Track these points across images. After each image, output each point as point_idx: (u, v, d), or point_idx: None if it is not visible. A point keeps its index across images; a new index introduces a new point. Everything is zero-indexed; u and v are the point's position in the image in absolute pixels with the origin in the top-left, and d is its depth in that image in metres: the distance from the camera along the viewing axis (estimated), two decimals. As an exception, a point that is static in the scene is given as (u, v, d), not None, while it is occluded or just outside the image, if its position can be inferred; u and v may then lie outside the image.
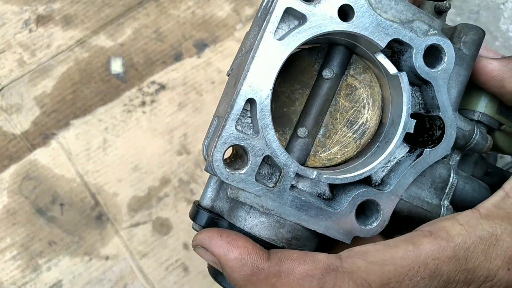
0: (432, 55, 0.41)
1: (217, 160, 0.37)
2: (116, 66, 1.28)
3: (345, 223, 0.41)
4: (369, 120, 0.43)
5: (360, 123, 0.43)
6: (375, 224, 0.42)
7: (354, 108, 0.43)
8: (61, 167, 1.17)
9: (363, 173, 0.40)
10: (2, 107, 1.24)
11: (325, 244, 0.45)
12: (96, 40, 1.31)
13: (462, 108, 0.49)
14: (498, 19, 1.31)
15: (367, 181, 0.43)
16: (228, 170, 0.38)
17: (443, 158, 0.43)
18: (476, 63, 0.43)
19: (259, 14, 0.44)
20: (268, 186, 0.39)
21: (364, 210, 0.44)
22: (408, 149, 0.43)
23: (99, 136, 1.20)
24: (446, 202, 0.45)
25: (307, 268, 0.38)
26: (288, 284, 0.38)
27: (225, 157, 0.39)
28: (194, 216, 0.46)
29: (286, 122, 0.43)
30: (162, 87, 1.25)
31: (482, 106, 0.47)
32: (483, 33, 0.42)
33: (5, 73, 1.28)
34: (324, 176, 0.40)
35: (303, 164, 0.43)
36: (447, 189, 0.45)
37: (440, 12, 0.42)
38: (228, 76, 0.48)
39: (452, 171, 0.45)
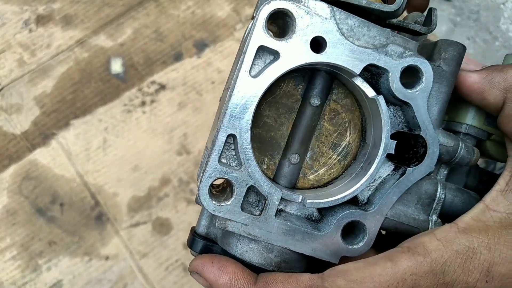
0: (411, 74, 0.41)
1: (203, 194, 0.39)
2: (116, 66, 1.28)
3: (332, 244, 0.42)
4: (351, 142, 0.45)
5: (343, 145, 0.45)
6: (361, 243, 0.43)
7: (338, 132, 0.45)
8: (61, 167, 1.17)
9: (345, 196, 0.41)
10: (2, 107, 1.24)
11: (317, 263, 0.46)
12: (96, 40, 1.31)
13: (451, 120, 0.49)
14: (498, 19, 1.31)
15: (354, 200, 0.44)
16: (214, 202, 0.40)
17: (429, 174, 0.43)
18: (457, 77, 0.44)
19: (241, 46, 0.45)
20: (255, 214, 0.41)
21: (353, 229, 0.45)
22: (393, 167, 0.44)
23: (99, 136, 1.20)
24: (434, 217, 0.46)
25: None
26: None
27: (218, 182, 0.42)
28: (190, 243, 0.47)
29: (274, 147, 0.44)
30: (162, 87, 1.25)
31: (470, 118, 0.48)
32: (463, 48, 0.42)
33: (5, 73, 1.28)
34: (308, 201, 0.41)
35: (294, 186, 0.45)
36: (435, 204, 0.45)
37: (418, 33, 0.42)
38: (220, 101, 0.49)
39: (439, 186, 0.45)
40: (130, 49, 1.29)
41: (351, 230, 0.44)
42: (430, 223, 0.45)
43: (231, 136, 0.39)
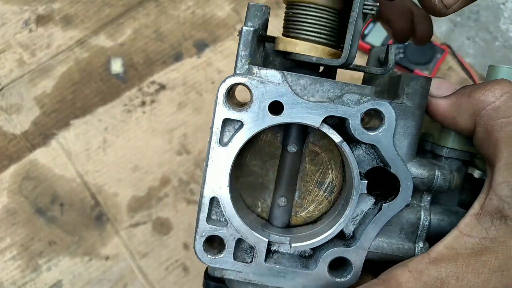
0: (376, 115, 0.43)
1: (198, 250, 0.45)
2: (116, 66, 1.28)
3: (321, 279, 0.45)
4: (334, 179, 0.48)
5: (328, 182, 0.48)
6: (349, 276, 0.45)
7: (320, 171, 0.48)
8: (61, 167, 1.17)
9: (327, 236, 0.44)
10: (2, 107, 1.24)
11: None
12: (96, 40, 1.31)
13: (435, 143, 0.50)
14: (498, 19, 1.31)
15: (341, 234, 0.46)
16: (209, 256, 0.45)
17: (407, 205, 0.44)
18: (428, 105, 0.44)
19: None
20: (247, 262, 0.45)
21: (340, 263, 0.47)
22: (374, 201, 0.45)
23: (99, 136, 1.20)
24: (420, 243, 0.46)
25: None
26: None
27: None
28: (204, 287, 0.52)
29: (265, 191, 0.48)
30: (162, 87, 1.25)
31: (450, 141, 0.48)
32: (426, 81, 0.42)
33: (5, 73, 1.28)
34: (293, 244, 0.45)
35: (288, 225, 0.49)
36: (419, 232, 0.45)
37: (382, 64, 0.43)
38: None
39: (422, 213, 0.45)
40: (130, 49, 1.29)
41: (339, 264, 0.47)
42: (416, 250, 0.46)
43: (214, 198, 0.44)
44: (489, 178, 0.40)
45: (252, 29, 0.40)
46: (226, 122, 0.42)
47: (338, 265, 0.47)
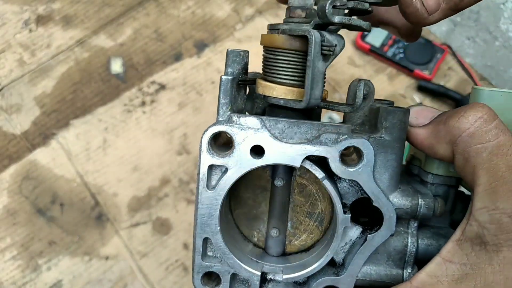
0: (354, 150, 0.44)
1: (197, 285, 0.47)
2: (116, 66, 1.28)
3: None
4: (323, 209, 0.49)
5: (317, 212, 0.49)
6: None
7: (309, 202, 0.49)
8: (61, 167, 1.17)
9: (315, 267, 0.46)
10: (2, 107, 1.24)
11: None
12: (96, 40, 1.31)
13: (422, 168, 0.50)
14: (498, 19, 1.31)
15: (331, 262, 0.47)
16: None
17: (392, 235, 0.45)
18: (408, 135, 0.44)
19: None
20: None
21: None
22: (361, 229, 0.46)
23: (99, 136, 1.20)
24: (409, 269, 0.47)
25: None
26: None
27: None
28: None
29: (259, 222, 0.50)
30: (162, 87, 1.25)
31: (434, 168, 0.49)
32: (403, 113, 0.42)
33: (5, 73, 1.28)
34: (284, 276, 0.47)
35: (283, 253, 0.50)
36: (407, 258, 0.46)
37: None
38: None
39: (409, 239, 0.46)
40: (130, 49, 1.29)
41: None
42: (404, 275, 0.47)
43: (207, 239, 0.46)
44: (471, 203, 0.40)
45: (230, 77, 0.42)
46: (211, 167, 0.44)
47: None
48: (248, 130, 0.41)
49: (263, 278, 0.48)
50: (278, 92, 0.40)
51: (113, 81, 1.26)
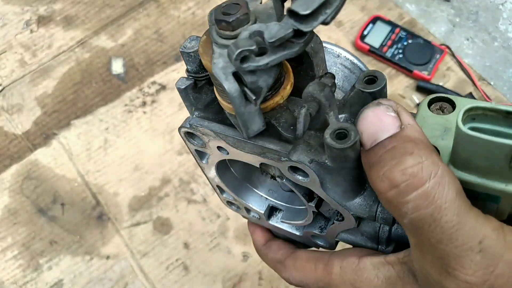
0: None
1: (226, 205, 0.56)
2: (117, 67, 1.29)
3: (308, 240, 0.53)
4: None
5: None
6: (327, 244, 0.51)
7: None
8: (62, 167, 1.17)
9: (301, 223, 0.49)
10: (3, 107, 1.25)
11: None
12: (97, 40, 1.31)
13: None
14: (497, 20, 1.32)
15: (322, 215, 0.50)
16: (233, 208, 0.53)
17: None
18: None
19: None
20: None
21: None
22: None
23: (100, 136, 1.20)
24: (383, 246, 0.46)
25: None
26: None
27: None
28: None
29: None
30: (163, 87, 1.25)
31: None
32: (340, 151, 0.35)
33: (6, 74, 1.29)
34: (281, 220, 0.51)
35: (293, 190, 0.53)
36: (379, 239, 0.46)
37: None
38: None
39: (380, 229, 0.46)
40: (131, 49, 1.30)
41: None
42: (379, 249, 0.47)
43: (219, 186, 0.52)
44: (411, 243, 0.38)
45: (182, 87, 0.41)
46: (197, 151, 0.47)
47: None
48: (208, 135, 0.42)
49: (273, 209, 0.52)
50: (224, 106, 0.39)
51: (114, 82, 1.26)
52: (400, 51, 1.25)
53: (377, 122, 0.33)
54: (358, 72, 0.47)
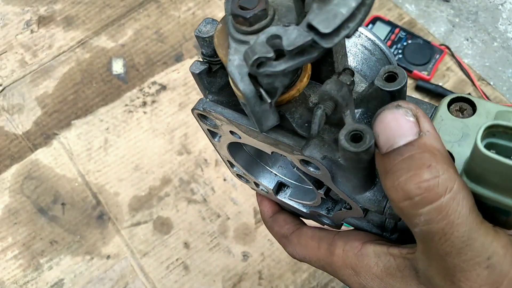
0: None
1: (236, 179, 0.57)
2: (117, 67, 1.29)
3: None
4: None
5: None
6: (333, 223, 0.52)
7: None
8: (63, 167, 1.17)
9: (308, 204, 0.51)
10: (3, 107, 1.25)
11: None
12: (97, 41, 1.32)
13: None
14: (497, 20, 1.32)
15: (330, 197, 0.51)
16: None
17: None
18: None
19: None
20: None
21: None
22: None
23: (100, 136, 1.20)
24: (388, 233, 0.47)
25: None
26: None
27: None
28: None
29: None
30: (163, 87, 1.26)
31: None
32: (354, 154, 0.34)
33: (6, 74, 1.29)
34: (288, 197, 0.52)
35: None
36: (385, 227, 0.47)
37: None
38: None
39: (386, 220, 0.46)
40: (131, 50, 1.30)
41: None
42: (384, 236, 0.47)
43: (230, 161, 0.53)
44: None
45: (197, 71, 0.41)
46: (209, 130, 0.47)
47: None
48: (221, 120, 0.42)
49: (282, 185, 0.53)
50: (238, 95, 0.38)
51: (114, 82, 1.27)
52: (400, 51, 1.25)
53: (395, 126, 0.32)
54: (378, 53, 0.45)
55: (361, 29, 0.45)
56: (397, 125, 0.32)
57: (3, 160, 1.19)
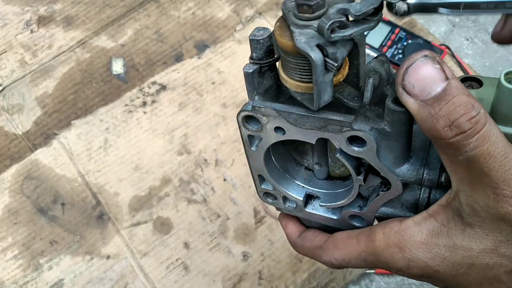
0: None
1: (262, 197, 0.59)
2: (117, 67, 1.29)
3: (344, 224, 0.55)
4: None
5: None
6: (364, 224, 0.54)
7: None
8: (62, 167, 1.17)
9: (343, 203, 0.53)
10: (3, 107, 1.25)
11: None
12: (97, 41, 1.32)
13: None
14: (497, 20, 1.32)
15: (360, 194, 0.53)
16: (269, 200, 0.58)
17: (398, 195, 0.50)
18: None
19: None
20: (293, 207, 0.57)
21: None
22: (381, 180, 0.51)
23: (100, 136, 1.20)
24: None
25: None
26: None
27: None
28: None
29: (307, 154, 0.57)
30: (163, 87, 1.26)
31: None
32: (403, 114, 0.42)
33: (6, 74, 1.29)
34: (321, 204, 0.55)
35: (328, 176, 0.57)
36: (418, 207, 0.50)
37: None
38: None
39: (420, 195, 0.49)
40: (131, 50, 1.30)
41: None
42: None
43: (260, 175, 0.55)
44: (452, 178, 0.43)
45: (250, 71, 0.46)
46: (249, 136, 0.51)
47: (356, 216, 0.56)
48: (269, 117, 0.47)
49: (309, 197, 0.56)
50: (291, 85, 0.44)
51: (114, 82, 1.27)
52: (400, 51, 1.25)
53: (429, 75, 0.37)
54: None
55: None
56: (431, 74, 0.37)
57: (3, 160, 1.19)
